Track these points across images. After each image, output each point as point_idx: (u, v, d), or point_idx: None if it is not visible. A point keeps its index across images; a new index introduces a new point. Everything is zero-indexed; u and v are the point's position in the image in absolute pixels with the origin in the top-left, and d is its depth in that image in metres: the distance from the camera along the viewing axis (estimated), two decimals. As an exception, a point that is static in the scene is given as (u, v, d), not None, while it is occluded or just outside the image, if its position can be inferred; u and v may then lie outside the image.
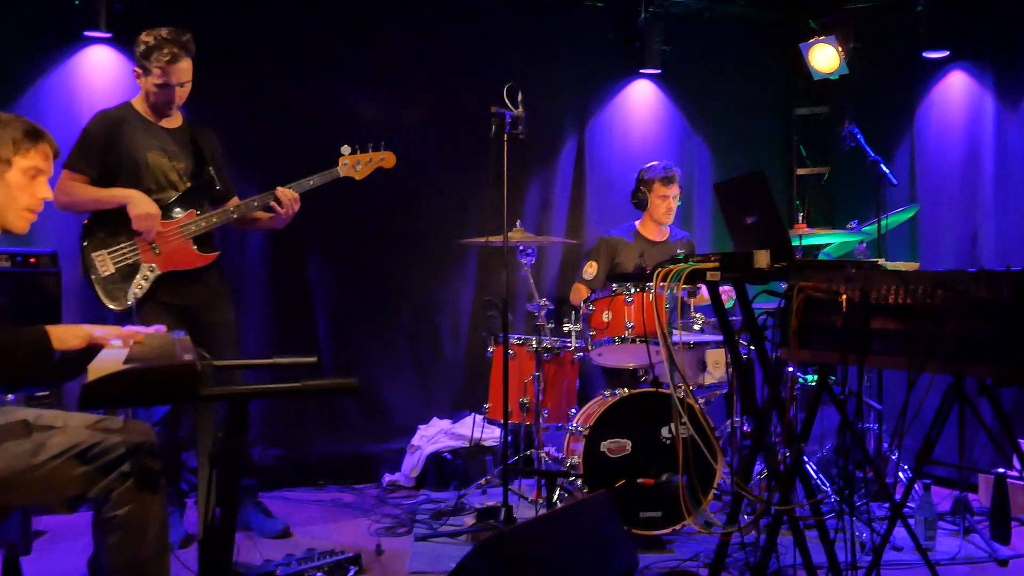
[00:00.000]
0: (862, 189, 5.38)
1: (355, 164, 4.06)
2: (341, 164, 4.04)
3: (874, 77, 5.77)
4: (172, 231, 3.77)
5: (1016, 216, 4.89)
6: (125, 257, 3.72)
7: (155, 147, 3.83)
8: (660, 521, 3.88)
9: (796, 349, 2.50)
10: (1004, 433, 2.68)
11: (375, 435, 5.23)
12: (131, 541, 2.26)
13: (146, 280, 3.71)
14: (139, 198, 3.70)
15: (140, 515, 2.27)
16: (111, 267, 3.70)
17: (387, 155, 4.12)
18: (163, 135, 3.87)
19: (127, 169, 3.78)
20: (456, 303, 5.45)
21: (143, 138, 3.82)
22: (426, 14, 5.34)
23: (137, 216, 3.67)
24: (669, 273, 2.65)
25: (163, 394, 1.92)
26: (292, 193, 3.91)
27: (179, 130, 3.94)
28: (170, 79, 3.74)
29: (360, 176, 4.07)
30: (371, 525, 4.21)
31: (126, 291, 3.67)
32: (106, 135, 3.79)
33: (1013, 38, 4.90)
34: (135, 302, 3.63)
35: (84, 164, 3.76)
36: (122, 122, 3.82)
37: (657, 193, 4.85)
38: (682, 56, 5.79)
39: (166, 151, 3.85)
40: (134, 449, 2.27)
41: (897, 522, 2.93)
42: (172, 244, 3.76)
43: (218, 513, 2.09)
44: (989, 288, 2.05)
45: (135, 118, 3.85)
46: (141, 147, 3.80)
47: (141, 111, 3.87)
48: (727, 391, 4.28)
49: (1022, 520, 4.12)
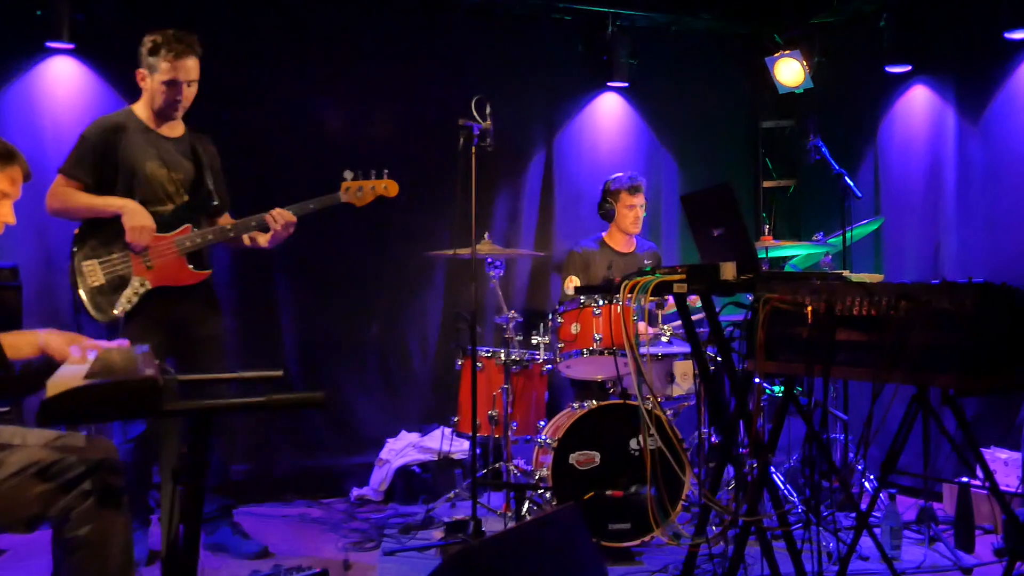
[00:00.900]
0: (827, 201, 5.44)
1: (356, 190, 3.95)
2: (343, 190, 3.93)
3: (838, 91, 5.84)
4: (166, 245, 3.66)
5: (978, 228, 4.96)
6: (116, 268, 3.62)
7: (153, 156, 3.72)
8: (629, 533, 3.88)
9: (762, 360, 2.51)
10: (967, 442, 2.71)
11: (343, 449, 5.19)
12: (93, 561, 2.22)
13: (136, 295, 3.61)
14: (134, 209, 3.60)
15: (102, 534, 2.23)
16: (101, 277, 3.60)
17: (390, 184, 4.00)
18: (163, 144, 3.77)
19: (123, 178, 3.68)
20: (424, 316, 5.43)
21: (142, 147, 3.71)
22: (394, 26, 5.34)
23: (131, 228, 3.57)
24: (636, 285, 2.65)
25: (125, 409, 1.89)
26: (288, 215, 3.80)
27: (180, 139, 3.83)
28: (178, 75, 3.66)
29: (360, 203, 3.96)
30: (339, 540, 4.17)
31: (114, 303, 3.57)
32: (104, 142, 3.68)
33: (973, 53, 4.98)
34: (123, 315, 3.55)
35: (80, 170, 3.66)
36: (121, 129, 3.71)
37: (624, 203, 4.87)
38: (649, 69, 5.83)
39: (165, 161, 3.74)
40: (95, 466, 2.23)
41: (863, 532, 2.95)
42: (165, 259, 3.66)
43: (182, 530, 2.06)
44: (951, 299, 2.08)
45: (135, 125, 3.74)
46: (139, 156, 3.69)
47: (143, 118, 3.76)
48: (695, 402, 4.30)
49: (986, 529, 4.17)
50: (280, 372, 2.59)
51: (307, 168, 4.96)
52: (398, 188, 4.02)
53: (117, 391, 1.81)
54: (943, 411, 2.67)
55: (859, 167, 5.65)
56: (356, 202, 3.97)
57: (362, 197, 3.97)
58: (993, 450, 4.56)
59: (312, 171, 4.95)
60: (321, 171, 4.79)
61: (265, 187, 4.33)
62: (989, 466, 2.69)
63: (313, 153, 5.10)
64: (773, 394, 4.41)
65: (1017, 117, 4.76)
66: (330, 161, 5.09)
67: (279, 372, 2.60)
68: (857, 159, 5.66)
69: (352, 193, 3.95)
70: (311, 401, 2.01)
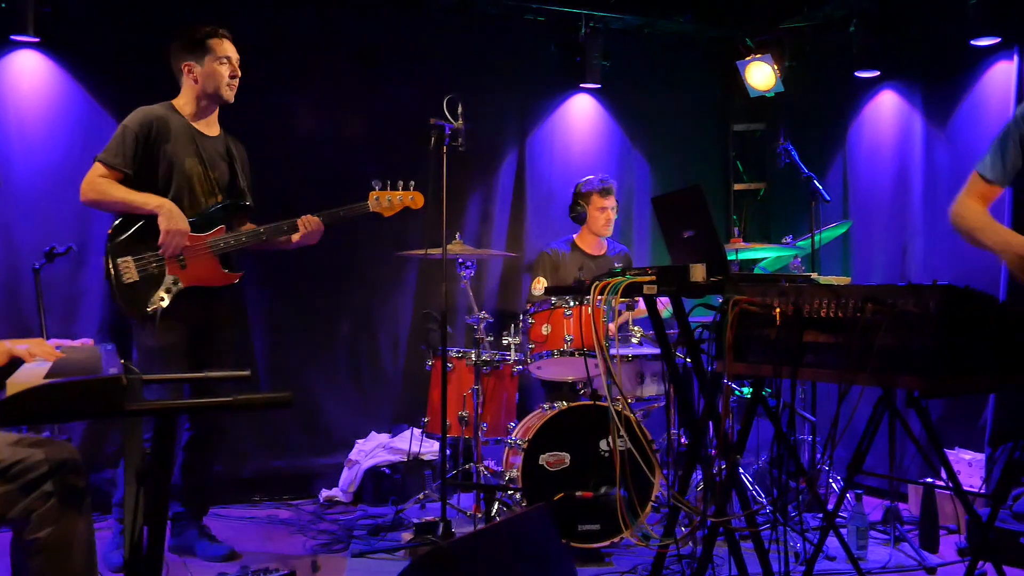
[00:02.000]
0: (797, 205, 5.47)
1: (386, 200, 3.98)
2: (372, 199, 3.96)
3: (808, 95, 5.89)
4: (200, 245, 3.64)
5: (944, 232, 5.01)
6: (150, 266, 3.58)
7: (193, 153, 3.70)
8: (599, 534, 3.88)
9: (731, 362, 2.52)
10: (931, 444, 2.74)
11: (312, 450, 5.16)
12: (54, 564, 2.18)
13: (168, 293, 3.56)
14: (171, 211, 3.57)
15: (63, 537, 2.19)
16: (135, 274, 3.56)
17: (416, 195, 4.05)
18: (203, 141, 3.75)
19: (163, 172, 3.65)
20: (395, 316, 5.41)
21: (183, 142, 3.69)
22: (366, 25, 5.32)
23: (166, 231, 3.55)
24: (607, 286, 2.66)
25: (86, 409, 1.85)
26: (318, 222, 3.83)
27: (217, 139, 3.82)
28: (227, 51, 3.71)
29: (388, 213, 4.01)
30: (307, 541, 4.14)
31: (148, 300, 3.53)
32: (147, 133, 3.63)
33: (941, 59, 5.04)
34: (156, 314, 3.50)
35: (120, 160, 3.60)
36: (166, 121, 3.68)
37: (595, 205, 4.87)
38: (622, 71, 5.85)
39: (203, 159, 3.72)
40: (57, 467, 2.19)
41: (830, 532, 2.97)
42: (199, 259, 3.63)
43: (146, 532, 2.03)
44: (917, 302, 2.09)
45: (177, 119, 3.71)
46: (180, 152, 3.67)
47: (185, 113, 3.74)
48: (665, 403, 4.31)
49: (950, 529, 4.22)
50: (247, 372, 2.56)
51: (280, 168, 4.93)
52: (423, 200, 4.06)
53: (78, 390, 1.78)
54: (909, 413, 2.69)
55: (828, 171, 5.70)
56: (385, 212, 4.02)
57: (391, 207, 4.01)
58: (957, 451, 4.62)
59: (285, 171, 4.94)
60: (291, 169, 4.78)
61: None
62: (953, 467, 2.72)
63: (283, 152, 5.06)
64: (742, 395, 4.44)
65: (982, 123, 4.82)
66: (300, 161, 5.10)
67: (246, 372, 2.57)
68: (826, 163, 5.71)
69: (381, 203, 3.97)
70: (278, 401, 1.99)
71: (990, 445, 4.47)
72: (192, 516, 3.92)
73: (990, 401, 4.56)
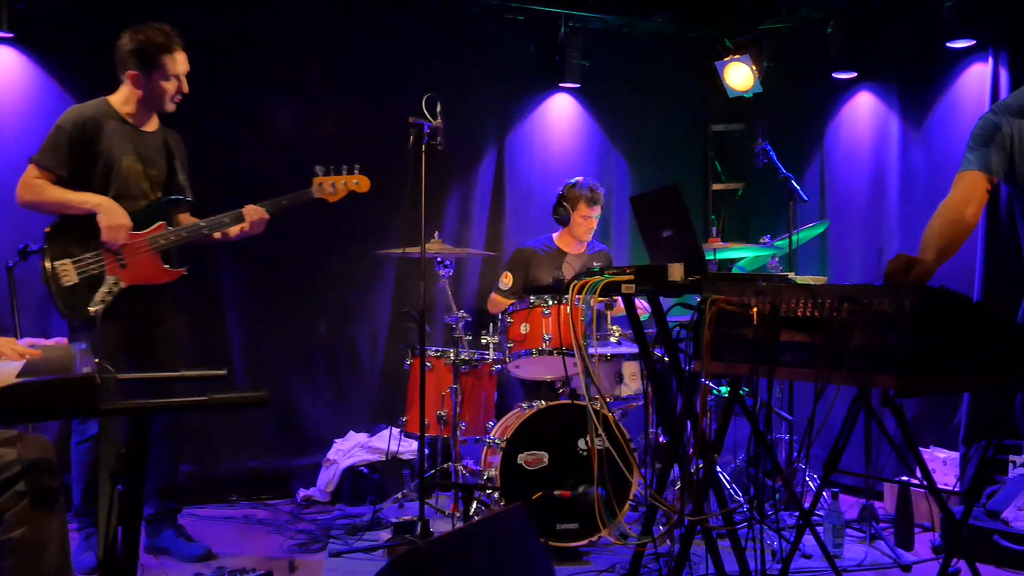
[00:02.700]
0: (775, 205, 5.51)
1: (330, 186, 3.93)
2: (315, 185, 3.90)
3: (786, 96, 5.93)
4: (140, 243, 3.58)
5: (919, 232, 5.02)
6: (89, 267, 3.52)
7: (131, 151, 3.64)
8: (577, 533, 3.88)
9: (709, 361, 2.53)
10: (906, 442, 2.76)
11: (290, 449, 5.14)
12: (27, 564, 2.15)
13: (111, 294, 3.52)
14: (111, 207, 3.51)
15: (37, 537, 2.16)
16: (74, 277, 3.50)
17: (361, 179, 3.99)
18: (140, 139, 3.69)
19: (100, 172, 3.59)
20: (373, 315, 5.39)
21: (120, 141, 3.62)
22: (345, 23, 5.29)
23: (108, 227, 3.49)
24: (585, 285, 2.66)
25: (60, 408, 1.83)
26: (262, 212, 3.77)
27: (155, 134, 3.75)
28: (178, 70, 3.62)
29: (333, 199, 3.95)
30: (284, 542, 4.12)
31: (88, 302, 3.48)
32: (81, 133, 3.57)
33: (917, 61, 5.08)
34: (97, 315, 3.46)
35: (54, 161, 3.54)
36: (100, 121, 3.61)
37: (581, 212, 4.85)
38: (601, 71, 5.86)
39: (141, 156, 3.67)
40: (30, 466, 2.16)
41: (806, 530, 2.99)
42: (139, 257, 3.58)
43: (120, 533, 2.01)
44: (892, 302, 2.11)
45: (114, 118, 3.64)
46: (117, 151, 3.60)
47: (123, 112, 3.67)
48: (643, 402, 4.32)
49: (924, 526, 4.25)
50: (224, 371, 2.54)
51: (255, 163, 4.91)
52: (369, 183, 4.00)
53: (52, 390, 1.76)
54: (884, 412, 2.71)
55: (806, 171, 5.73)
56: (329, 198, 3.96)
57: (335, 193, 3.95)
58: (932, 450, 4.66)
59: (260, 166, 4.91)
60: (269, 167, 4.75)
61: (215, 183, 4.25)
62: (928, 465, 2.75)
63: (261, 148, 5.03)
64: (720, 394, 4.45)
65: (957, 125, 4.86)
66: (279, 157, 5.07)
67: (223, 371, 2.55)
68: (804, 163, 5.75)
69: (325, 189, 3.92)
70: (254, 400, 1.98)
71: (964, 444, 4.52)
72: (166, 517, 3.89)
73: (964, 400, 4.60)
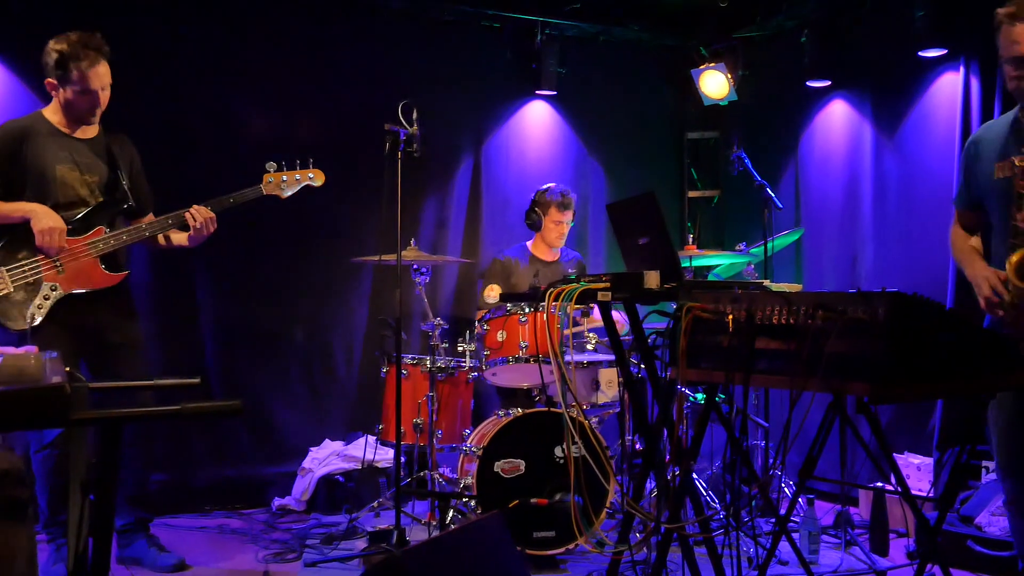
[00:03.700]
0: (750, 212, 5.54)
1: (280, 182, 3.89)
2: (265, 182, 3.86)
3: (761, 104, 5.97)
4: (79, 248, 3.54)
5: (892, 240, 5.10)
6: (25, 275, 3.48)
7: (65, 159, 3.60)
8: (553, 541, 3.88)
9: (684, 368, 2.54)
10: (881, 449, 2.77)
11: (265, 458, 5.09)
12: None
13: (47, 299, 3.48)
14: (42, 212, 3.48)
15: (4, 549, 2.12)
16: (8, 285, 3.45)
17: (316, 172, 3.95)
18: (76, 146, 3.65)
19: (33, 183, 3.55)
20: (349, 322, 5.37)
21: (52, 150, 3.59)
22: (321, 28, 5.28)
23: (40, 231, 3.45)
24: (561, 293, 2.66)
25: (29, 418, 1.80)
26: (207, 212, 3.72)
27: (94, 141, 3.71)
28: (92, 84, 3.54)
29: (285, 195, 3.91)
30: (259, 551, 4.08)
31: (25, 311, 3.43)
32: (10, 147, 3.54)
33: (890, 70, 5.13)
34: (34, 323, 3.41)
35: None
36: (29, 133, 3.58)
37: (552, 217, 4.87)
38: (578, 78, 5.88)
39: (78, 163, 3.62)
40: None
41: (782, 537, 3.00)
42: (78, 262, 3.54)
43: (91, 543, 1.98)
44: (866, 309, 2.12)
45: (45, 128, 3.61)
46: (50, 160, 3.57)
47: (54, 121, 3.64)
48: (620, 410, 4.32)
49: (899, 532, 4.28)
50: (198, 379, 2.51)
51: (233, 170, 4.85)
52: (324, 177, 3.96)
53: (20, 399, 1.73)
54: (859, 418, 2.73)
55: (781, 179, 5.77)
56: (280, 194, 3.92)
57: (286, 188, 3.91)
58: (907, 455, 4.69)
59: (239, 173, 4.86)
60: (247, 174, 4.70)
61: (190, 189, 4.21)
62: (903, 471, 2.76)
63: (238, 155, 5.00)
64: (696, 401, 4.46)
65: (930, 133, 4.91)
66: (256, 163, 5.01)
67: (196, 379, 2.53)
68: (779, 171, 5.79)
69: (276, 185, 3.89)
70: (228, 409, 1.96)
71: (938, 449, 4.55)
72: (138, 527, 3.84)
73: (938, 406, 4.64)
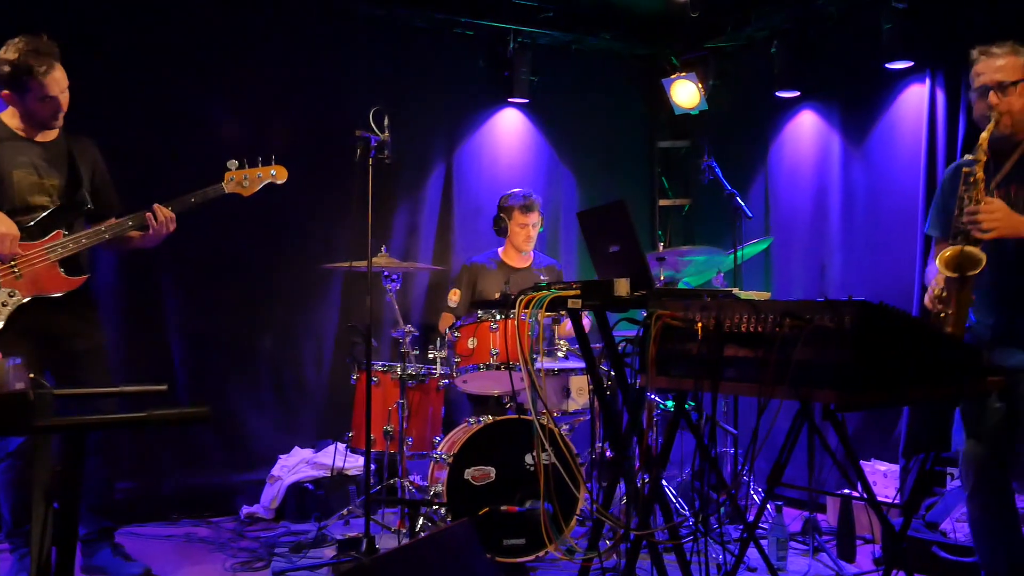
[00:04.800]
0: (720, 221, 5.58)
1: (242, 180, 3.85)
2: (227, 180, 3.83)
3: (731, 114, 6.02)
4: (36, 253, 3.49)
5: (860, 249, 5.16)
6: None
7: (23, 163, 3.55)
8: (524, 548, 3.87)
9: (654, 376, 2.55)
10: (847, 456, 2.80)
11: (233, 466, 5.05)
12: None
13: (5, 306, 3.42)
14: None
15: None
16: None
17: (278, 169, 3.92)
18: (34, 150, 3.59)
19: None
20: (320, 329, 5.34)
21: (9, 154, 3.53)
22: (294, 35, 5.26)
23: None
24: (532, 300, 2.66)
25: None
26: (168, 212, 3.68)
27: (53, 143, 3.66)
28: (51, 91, 3.50)
29: (248, 192, 3.87)
30: (226, 560, 4.05)
31: None
32: None
33: (857, 80, 5.19)
34: None
35: None
36: None
37: (516, 221, 4.89)
38: (550, 86, 5.90)
39: (36, 167, 3.57)
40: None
41: (750, 543, 3.02)
42: (36, 267, 3.48)
43: (54, 553, 1.95)
44: (833, 317, 2.14)
45: (3, 133, 3.56)
46: (6, 164, 3.51)
47: (11, 125, 3.59)
48: (590, 417, 4.33)
49: (866, 539, 4.32)
50: (164, 387, 2.49)
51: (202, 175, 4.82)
52: (287, 173, 3.94)
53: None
54: (826, 425, 2.75)
55: (750, 188, 5.82)
56: (243, 192, 3.88)
57: (249, 186, 3.88)
58: (873, 462, 4.74)
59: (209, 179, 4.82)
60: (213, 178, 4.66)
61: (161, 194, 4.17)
62: (869, 478, 2.80)
63: (208, 161, 4.93)
64: (666, 409, 4.48)
65: (896, 144, 4.98)
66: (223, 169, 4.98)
67: (163, 387, 2.50)
68: (749, 180, 5.83)
69: (237, 183, 3.85)
70: (195, 417, 1.94)
71: (904, 456, 4.60)
72: (102, 536, 3.79)
73: (904, 414, 4.69)
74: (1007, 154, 2.93)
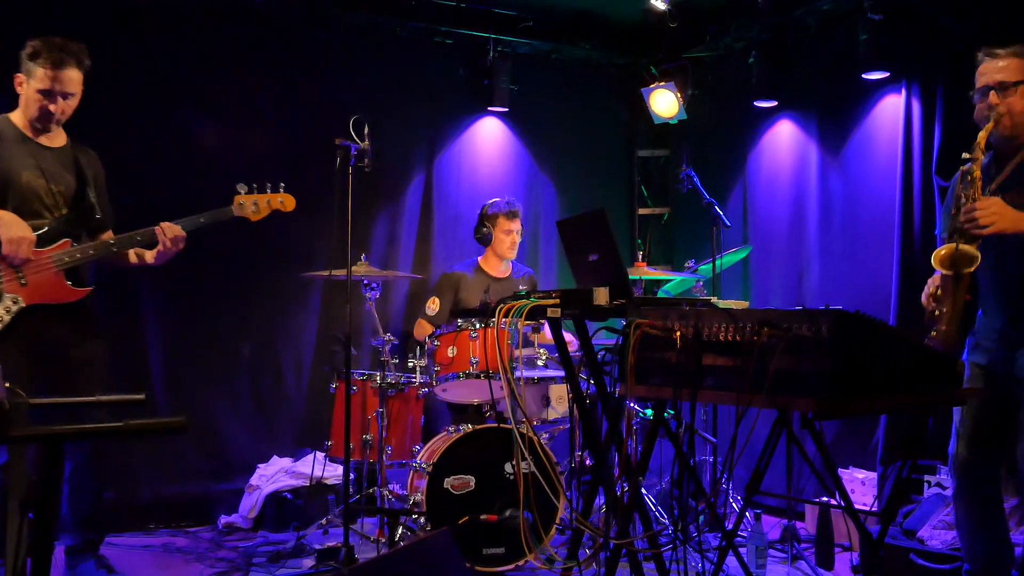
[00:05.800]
0: (699, 230, 5.61)
1: (252, 204, 3.85)
2: (236, 204, 3.83)
3: (710, 123, 6.06)
4: (43, 261, 3.44)
5: (837, 258, 5.20)
6: None
7: (32, 166, 3.50)
8: (503, 557, 3.87)
9: (633, 385, 2.55)
10: (825, 464, 2.82)
11: (211, 475, 5.01)
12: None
13: (8, 312, 3.36)
14: (10, 220, 3.37)
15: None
16: None
17: (286, 198, 3.94)
18: (43, 154, 3.55)
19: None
20: (299, 338, 5.32)
21: (19, 156, 3.49)
22: (272, 42, 5.24)
23: (9, 240, 3.33)
24: (511, 309, 2.66)
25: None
26: (177, 230, 3.65)
27: (61, 150, 3.62)
28: (54, 85, 3.45)
29: (256, 218, 3.89)
30: (204, 570, 4.02)
31: None
32: None
33: (834, 90, 5.24)
34: None
35: None
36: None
37: (501, 228, 4.90)
38: (529, 95, 5.92)
39: (44, 172, 3.52)
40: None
41: (729, 551, 3.02)
42: (42, 275, 3.43)
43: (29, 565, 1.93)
44: (810, 326, 2.15)
45: (12, 133, 3.52)
46: (16, 165, 3.46)
47: (20, 126, 3.54)
48: (570, 426, 4.33)
49: (844, 546, 4.34)
50: (142, 395, 2.47)
51: (182, 181, 4.82)
52: (295, 203, 3.94)
53: (-44, 417, 1.69)
54: (804, 434, 2.77)
55: (729, 197, 5.85)
56: (251, 216, 3.89)
57: (257, 212, 3.89)
58: (851, 470, 4.76)
59: (187, 185, 4.82)
60: (197, 185, 4.66)
61: (140, 201, 4.16)
62: (847, 485, 2.82)
63: (187, 167, 4.95)
64: (645, 417, 4.49)
65: (873, 153, 5.03)
66: (205, 175, 4.98)
67: (141, 396, 2.48)
68: (727, 189, 5.87)
69: (247, 208, 3.85)
70: (173, 426, 1.93)
71: (881, 464, 4.63)
72: (87, 548, 3.75)
73: (881, 422, 4.72)
74: (1008, 157, 2.96)
